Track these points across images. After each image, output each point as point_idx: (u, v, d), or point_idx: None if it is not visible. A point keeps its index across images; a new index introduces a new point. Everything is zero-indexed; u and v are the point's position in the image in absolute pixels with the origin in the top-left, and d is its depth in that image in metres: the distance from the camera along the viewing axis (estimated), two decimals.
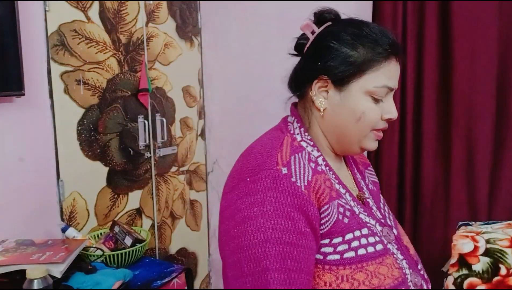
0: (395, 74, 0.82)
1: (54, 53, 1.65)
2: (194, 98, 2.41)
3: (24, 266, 1.20)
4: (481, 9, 1.71)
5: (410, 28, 1.82)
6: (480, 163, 1.77)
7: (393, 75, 0.81)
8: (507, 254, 1.37)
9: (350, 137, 0.83)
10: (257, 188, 0.72)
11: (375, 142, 0.85)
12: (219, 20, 2.39)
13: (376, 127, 0.82)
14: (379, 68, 0.79)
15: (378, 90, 0.80)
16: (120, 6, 1.92)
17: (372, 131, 0.83)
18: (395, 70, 0.82)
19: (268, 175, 0.73)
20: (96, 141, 1.83)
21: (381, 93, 0.80)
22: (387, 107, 0.82)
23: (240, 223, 0.72)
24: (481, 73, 1.74)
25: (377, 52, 0.79)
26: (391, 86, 0.81)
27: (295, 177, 0.73)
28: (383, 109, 0.82)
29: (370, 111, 0.80)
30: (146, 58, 2.04)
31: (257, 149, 0.80)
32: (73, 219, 1.75)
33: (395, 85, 0.82)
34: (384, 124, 0.83)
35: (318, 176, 0.77)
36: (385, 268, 0.77)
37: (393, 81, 0.82)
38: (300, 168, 0.75)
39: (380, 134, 0.84)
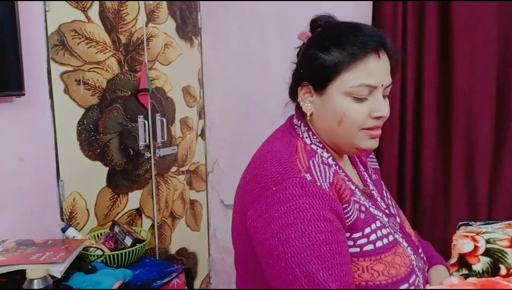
0: (376, 70, 0.80)
1: (54, 53, 1.65)
2: (194, 98, 2.41)
3: (24, 266, 1.20)
4: (481, 9, 1.70)
5: (410, 28, 1.82)
6: (480, 163, 1.77)
7: (373, 72, 0.80)
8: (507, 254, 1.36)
9: (339, 139, 0.84)
10: (287, 196, 0.74)
11: (370, 141, 0.83)
12: (219, 20, 2.39)
13: (364, 126, 0.81)
14: (354, 67, 0.79)
15: (355, 89, 0.79)
16: (120, 6, 1.92)
17: (362, 131, 0.82)
18: (376, 67, 0.80)
19: (295, 183, 0.75)
20: (96, 141, 1.83)
21: (361, 91, 0.80)
22: (375, 104, 0.81)
23: (279, 232, 0.74)
24: (481, 73, 1.74)
25: (350, 52, 0.79)
26: (371, 83, 0.80)
27: (319, 181, 0.76)
28: (371, 107, 0.81)
29: (352, 111, 0.80)
30: (146, 58, 2.04)
31: (274, 156, 0.81)
32: (73, 219, 1.75)
33: (378, 82, 0.80)
34: (375, 122, 0.82)
35: (337, 177, 0.80)
36: (398, 258, 0.81)
37: (374, 78, 0.80)
38: (321, 172, 0.78)
39: (375, 133, 0.83)
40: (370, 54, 0.79)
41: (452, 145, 1.79)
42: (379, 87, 0.81)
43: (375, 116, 0.81)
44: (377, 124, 0.82)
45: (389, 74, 0.83)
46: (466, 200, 1.80)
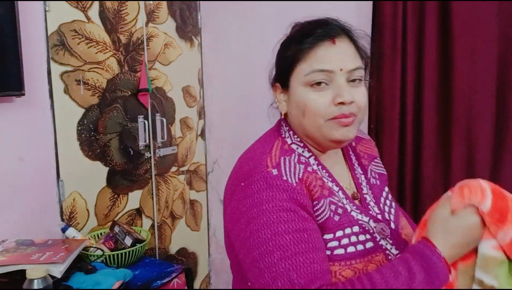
0: (331, 56, 0.79)
1: (54, 53, 1.65)
2: (194, 98, 2.41)
3: (24, 266, 1.20)
4: (481, 9, 1.70)
5: (410, 28, 1.82)
6: (480, 163, 1.77)
7: (326, 58, 0.79)
8: None
9: (310, 133, 0.83)
10: (252, 190, 0.76)
11: (340, 130, 0.80)
12: (219, 20, 2.39)
13: (330, 116, 0.79)
14: (308, 56, 0.80)
15: (309, 76, 0.79)
16: (120, 6, 1.91)
17: (329, 121, 0.79)
18: (330, 52, 0.80)
19: (260, 177, 0.77)
20: (96, 141, 1.83)
21: (315, 77, 0.79)
22: (336, 91, 0.79)
23: (246, 225, 0.75)
24: (481, 73, 1.74)
25: (302, 43, 0.81)
26: (325, 68, 0.79)
27: (286, 176, 0.77)
28: (333, 95, 0.79)
29: (312, 102, 0.80)
30: (146, 58, 2.04)
31: (250, 155, 0.84)
32: (73, 219, 1.75)
33: (333, 67, 0.79)
34: (340, 109, 0.79)
35: (308, 174, 0.79)
36: (373, 265, 0.78)
37: (328, 63, 0.79)
38: (290, 168, 0.79)
39: (344, 120, 0.79)
40: (323, 41, 0.80)
41: (452, 145, 1.79)
42: (336, 72, 0.79)
43: (336, 102, 0.78)
44: (343, 111, 0.79)
45: (354, 59, 0.81)
46: None
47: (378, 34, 1.88)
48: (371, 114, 1.95)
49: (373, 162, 0.98)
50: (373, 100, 1.93)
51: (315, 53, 0.80)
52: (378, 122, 1.93)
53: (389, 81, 1.87)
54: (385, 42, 1.86)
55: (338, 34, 0.81)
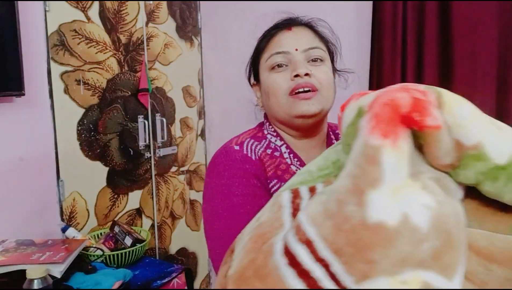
0: (287, 40, 0.86)
1: (54, 53, 1.65)
2: (194, 98, 2.41)
3: (24, 266, 1.20)
4: (481, 9, 1.71)
5: (410, 28, 1.82)
6: None
7: (283, 42, 0.86)
8: None
9: (277, 114, 0.87)
10: (214, 164, 0.84)
11: (301, 103, 0.82)
12: (219, 20, 2.39)
13: (289, 91, 0.83)
14: (268, 45, 0.88)
15: (270, 60, 0.86)
16: (120, 6, 1.91)
17: (290, 97, 0.83)
18: (287, 37, 0.86)
19: (221, 151, 0.86)
20: (96, 141, 1.83)
21: (274, 60, 0.85)
22: (293, 67, 0.83)
23: (207, 199, 0.83)
24: (481, 73, 1.74)
25: (265, 36, 0.90)
26: (283, 49, 0.85)
27: (246, 151, 0.84)
28: (291, 72, 0.84)
29: (273, 82, 0.85)
30: (146, 58, 2.04)
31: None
32: (73, 219, 1.75)
33: (289, 48, 0.85)
34: (296, 82, 0.82)
35: (270, 157, 0.85)
36: None
37: (286, 46, 0.85)
38: (252, 146, 0.86)
39: (302, 95, 0.82)
40: (280, 30, 0.88)
41: None
42: (292, 52, 0.84)
43: (292, 76, 0.82)
44: (298, 83, 0.82)
45: (310, 40, 0.86)
46: None
47: (378, 34, 1.89)
48: None
49: None
50: None
51: (273, 40, 0.88)
52: None
53: (389, 81, 1.87)
54: (385, 42, 1.87)
55: (296, 24, 0.89)
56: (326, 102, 0.84)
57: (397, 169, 0.40)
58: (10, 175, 1.53)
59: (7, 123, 1.52)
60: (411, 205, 0.39)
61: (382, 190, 0.39)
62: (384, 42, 1.87)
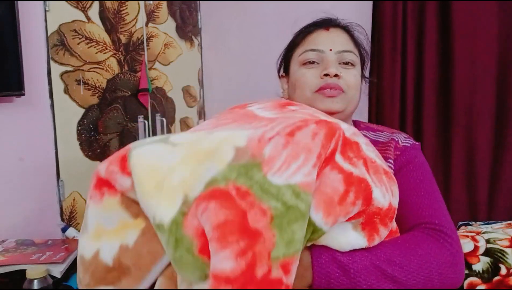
0: (323, 39, 0.88)
1: (54, 53, 1.65)
2: (194, 98, 2.40)
3: (24, 266, 1.20)
4: (481, 9, 1.71)
5: (410, 28, 1.82)
6: (480, 163, 1.77)
7: (319, 40, 0.88)
8: (507, 254, 1.37)
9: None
10: None
11: (325, 100, 0.84)
12: (219, 20, 2.39)
13: (317, 88, 0.85)
14: (304, 41, 0.90)
15: (303, 56, 0.88)
16: (120, 6, 1.91)
17: (316, 93, 0.85)
18: (323, 36, 0.89)
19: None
20: (96, 141, 1.83)
21: (308, 56, 0.87)
22: (324, 66, 0.86)
23: None
24: (481, 73, 1.74)
25: (302, 32, 0.92)
26: (318, 48, 0.87)
27: None
28: (321, 70, 0.86)
29: (303, 76, 0.87)
30: (146, 58, 2.04)
31: None
32: (73, 219, 1.75)
33: (324, 47, 0.87)
34: (325, 81, 0.84)
35: None
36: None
37: (321, 45, 0.87)
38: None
39: (327, 92, 0.84)
40: (318, 29, 0.90)
41: (452, 145, 1.79)
42: (326, 51, 0.86)
43: (322, 74, 0.85)
44: (327, 82, 0.84)
45: (346, 43, 0.89)
46: (466, 200, 1.80)
47: (378, 34, 1.89)
48: (371, 114, 1.95)
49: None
50: (373, 100, 1.93)
51: (309, 37, 0.90)
52: (378, 122, 1.93)
53: (389, 81, 1.87)
54: (385, 42, 1.87)
55: (334, 25, 0.91)
56: (350, 102, 0.87)
57: (97, 220, 0.59)
58: (10, 175, 1.53)
59: (7, 123, 1.52)
60: (102, 245, 0.57)
61: (85, 234, 0.59)
62: (384, 42, 1.87)
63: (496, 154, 1.77)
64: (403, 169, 0.90)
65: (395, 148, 0.92)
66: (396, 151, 0.91)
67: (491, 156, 1.76)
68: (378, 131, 0.95)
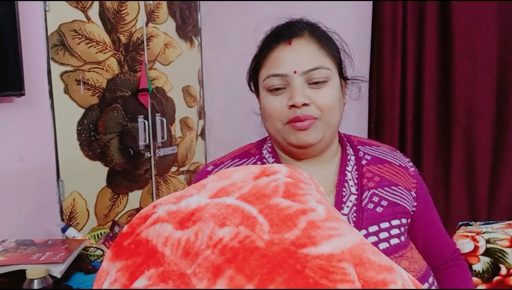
0: (286, 58, 0.77)
1: (54, 53, 1.65)
2: (194, 98, 2.41)
3: (24, 266, 1.20)
4: (481, 9, 1.71)
5: (410, 28, 1.82)
6: (480, 163, 1.77)
7: (281, 61, 0.77)
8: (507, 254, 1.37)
9: (274, 136, 0.82)
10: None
11: (297, 134, 0.76)
12: (219, 20, 2.39)
13: (287, 120, 0.76)
14: (266, 61, 0.80)
15: (266, 82, 0.78)
16: (120, 6, 1.91)
17: (287, 125, 0.76)
18: (285, 55, 0.77)
19: (204, 166, 0.88)
20: (96, 141, 1.83)
21: (272, 82, 0.77)
22: (290, 94, 0.76)
23: None
24: (481, 73, 1.74)
25: (263, 48, 0.81)
26: (278, 72, 0.76)
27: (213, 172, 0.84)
28: (288, 98, 0.76)
29: (269, 105, 0.78)
30: (146, 58, 2.04)
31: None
32: (73, 219, 1.75)
33: (287, 70, 0.76)
34: (295, 112, 0.75)
35: None
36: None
37: (282, 67, 0.76)
38: (225, 168, 0.83)
39: (299, 124, 0.75)
40: (279, 44, 0.78)
41: (452, 145, 1.79)
42: (291, 75, 0.76)
43: (289, 105, 0.75)
44: (297, 114, 0.75)
45: (312, 59, 0.77)
46: (466, 200, 1.80)
47: (378, 34, 1.89)
48: (371, 114, 1.95)
49: (388, 188, 0.83)
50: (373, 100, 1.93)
51: (271, 57, 0.79)
52: (378, 122, 1.93)
53: (389, 81, 1.87)
54: (385, 42, 1.87)
55: (297, 34, 0.79)
56: (328, 127, 0.78)
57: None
58: (10, 175, 1.53)
59: (7, 123, 1.52)
60: None
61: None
62: (384, 42, 1.87)
63: (496, 154, 1.77)
64: (424, 207, 0.88)
65: (410, 175, 0.88)
66: (413, 180, 0.88)
67: (491, 156, 1.76)
68: (374, 145, 0.89)
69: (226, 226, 0.44)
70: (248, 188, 0.48)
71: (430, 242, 0.87)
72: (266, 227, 0.43)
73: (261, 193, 0.48)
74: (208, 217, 0.46)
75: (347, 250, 0.42)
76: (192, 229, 0.45)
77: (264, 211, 0.45)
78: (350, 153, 0.86)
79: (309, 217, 0.45)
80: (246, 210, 0.45)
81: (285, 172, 0.53)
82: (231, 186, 0.49)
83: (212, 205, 0.47)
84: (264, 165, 0.55)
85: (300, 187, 0.50)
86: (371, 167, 0.85)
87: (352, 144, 0.88)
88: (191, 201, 0.49)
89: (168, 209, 0.49)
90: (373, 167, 0.85)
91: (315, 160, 0.83)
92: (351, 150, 0.87)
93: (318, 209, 0.46)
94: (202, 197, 0.49)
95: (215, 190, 0.49)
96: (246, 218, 0.44)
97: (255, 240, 0.42)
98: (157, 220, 0.48)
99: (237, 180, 0.50)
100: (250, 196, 0.47)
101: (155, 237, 0.47)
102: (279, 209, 0.45)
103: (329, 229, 0.44)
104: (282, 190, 0.48)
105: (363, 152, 0.87)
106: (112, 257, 0.49)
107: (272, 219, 0.44)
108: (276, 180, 0.50)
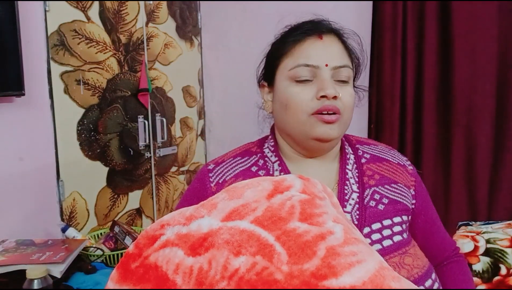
0: (317, 51, 0.78)
1: (54, 53, 1.65)
2: (194, 98, 2.40)
3: (24, 266, 1.20)
4: (481, 9, 1.71)
5: (410, 28, 1.82)
6: (480, 163, 1.77)
7: (313, 53, 0.78)
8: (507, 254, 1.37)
9: (292, 130, 0.80)
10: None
11: (323, 126, 0.76)
12: (219, 20, 2.39)
13: (313, 111, 0.76)
14: (294, 51, 0.79)
15: (294, 71, 0.78)
16: (120, 6, 1.91)
17: (312, 116, 0.76)
18: (317, 48, 0.78)
19: (204, 165, 0.87)
20: (96, 141, 1.83)
21: (300, 72, 0.77)
22: (319, 85, 0.76)
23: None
24: (481, 73, 1.74)
25: (288, 39, 0.81)
26: (311, 63, 0.77)
27: (212, 175, 0.83)
28: (317, 89, 0.77)
29: (295, 95, 0.77)
30: (146, 58, 2.04)
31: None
32: (73, 219, 1.75)
33: (318, 62, 0.77)
34: (322, 103, 0.76)
35: (243, 177, 0.80)
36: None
37: (314, 58, 0.77)
38: (223, 170, 0.83)
39: (326, 117, 0.76)
40: (309, 37, 0.79)
41: (452, 145, 1.79)
42: (322, 67, 0.77)
43: (319, 96, 0.76)
44: (325, 105, 0.75)
45: (341, 56, 0.79)
46: (466, 200, 1.80)
47: (378, 34, 1.89)
48: (371, 114, 1.95)
49: (388, 186, 0.85)
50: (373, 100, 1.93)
51: (300, 47, 0.79)
52: (378, 122, 1.93)
53: (389, 81, 1.87)
54: (385, 42, 1.87)
55: (326, 31, 0.80)
56: (345, 126, 0.80)
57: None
58: (10, 175, 1.53)
59: (7, 123, 1.52)
60: None
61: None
62: (384, 42, 1.87)
63: (496, 154, 1.77)
64: (423, 205, 0.88)
65: (408, 173, 0.88)
66: (412, 178, 0.88)
67: (491, 156, 1.76)
68: (372, 144, 0.90)
69: (241, 255, 0.42)
70: (263, 210, 0.46)
71: (429, 240, 0.88)
72: (285, 257, 0.41)
73: (276, 217, 0.45)
74: (221, 243, 0.43)
75: (368, 280, 0.40)
76: (205, 257, 0.43)
77: (281, 238, 0.43)
78: (349, 152, 0.87)
79: (328, 243, 0.43)
80: (262, 237, 0.43)
81: (299, 186, 0.50)
82: (244, 207, 0.47)
83: (225, 230, 0.44)
84: (275, 178, 0.53)
85: (316, 205, 0.48)
86: (371, 165, 0.87)
87: (350, 143, 0.89)
88: (202, 223, 0.46)
89: (177, 231, 0.46)
90: (373, 165, 0.86)
91: (320, 158, 0.84)
92: (350, 149, 0.88)
93: (336, 231, 0.44)
94: (214, 220, 0.46)
95: (227, 211, 0.47)
96: (262, 246, 0.42)
97: (274, 272, 0.40)
98: (166, 243, 0.45)
99: (249, 199, 0.48)
100: (265, 220, 0.45)
101: (165, 263, 0.44)
102: (296, 235, 0.43)
103: (349, 255, 0.42)
104: (298, 211, 0.46)
105: (362, 151, 0.88)
106: (119, 279, 0.46)
107: (290, 248, 0.42)
108: (290, 198, 0.48)
